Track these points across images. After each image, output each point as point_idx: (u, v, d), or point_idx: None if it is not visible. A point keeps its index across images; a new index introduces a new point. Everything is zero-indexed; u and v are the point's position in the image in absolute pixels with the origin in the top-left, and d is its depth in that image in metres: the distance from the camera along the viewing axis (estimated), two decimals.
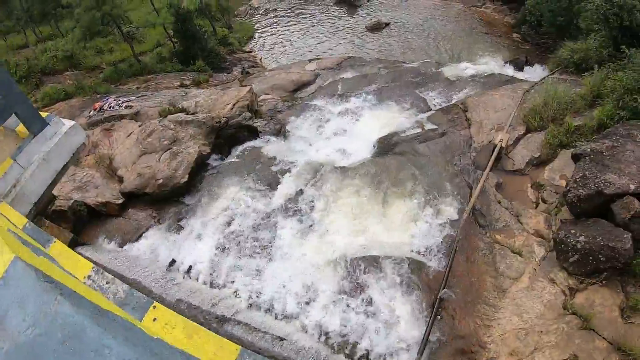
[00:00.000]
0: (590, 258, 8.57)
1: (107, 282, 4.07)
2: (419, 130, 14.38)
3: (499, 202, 10.92)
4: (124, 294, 3.94)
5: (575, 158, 10.20)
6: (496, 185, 11.42)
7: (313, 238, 11.37)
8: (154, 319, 3.47)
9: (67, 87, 22.24)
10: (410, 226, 10.97)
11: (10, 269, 2.52)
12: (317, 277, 10.29)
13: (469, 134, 13.48)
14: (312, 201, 12.34)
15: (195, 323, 3.38)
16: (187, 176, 13.60)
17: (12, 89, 8.51)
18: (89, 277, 4.29)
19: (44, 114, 9.64)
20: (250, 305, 10.17)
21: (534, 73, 19.78)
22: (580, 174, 9.39)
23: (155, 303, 3.62)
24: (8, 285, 2.46)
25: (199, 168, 14.23)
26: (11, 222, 5.20)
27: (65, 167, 9.99)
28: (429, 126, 14.49)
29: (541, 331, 8.22)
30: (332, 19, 33.37)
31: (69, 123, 9.95)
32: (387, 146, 14.10)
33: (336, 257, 10.54)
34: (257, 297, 10.31)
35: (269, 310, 10.00)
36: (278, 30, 33.41)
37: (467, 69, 20.05)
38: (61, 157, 9.68)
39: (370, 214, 11.63)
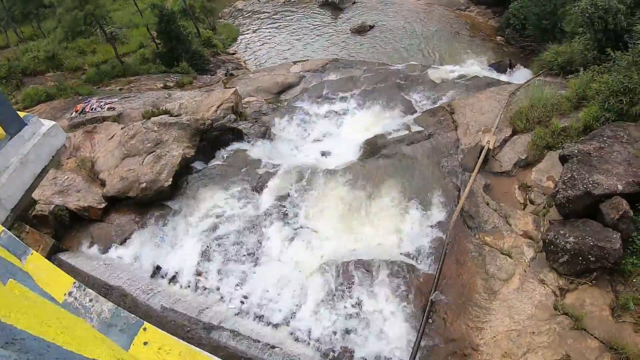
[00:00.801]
0: (580, 258, 8.57)
1: (90, 300, 3.66)
2: (406, 132, 14.30)
3: (487, 204, 10.88)
4: (109, 314, 3.54)
5: (563, 159, 10.21)
6: (484, 187, 11.38)
7: (301, 242, 11.24)
8: (145, 343, 3.06)
9: (48, 88, 21.81)
10: (399, 229, 10.90)
11: None
12: (306, 282, 10.16)
13: (455, 136, 13.44)
14: (299, 205, 12.22)
15: (192, 346, 2.93)
16: (171, 180, 13.34)
17: None
18: (70, 293, 3.84)
19: (22, 114, 9.24)
20: (238, 312, 9.98)
21: (518, 76, 19.82)
22: (569, 175, 9.39)
23: (145, 324, 3.19)
24: None
25: (184, 171, 13.97)
26: None
27: (44, 170, 9.53)
28: (415, 128, 14.42)
29: (533, 332, 8.18)
30: (317, 21, 33.24)
31: (48, 123, 9.52)
32: (373, 148, 14.00)
33: (325, 261, 10.43)
34: (245, 303, 10.13)
35: (257, 317, 9.82)
36: (262, 32, 33.18)
37: (452, 71, 20.00)
38: (40, 160, 9.22)
39: (358, 217, 11.54)
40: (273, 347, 8.84)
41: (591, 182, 8.96)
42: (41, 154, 9.12)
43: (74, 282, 3.99)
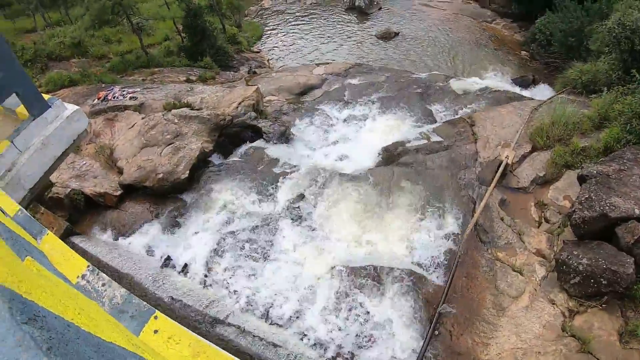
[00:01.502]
0: (592, 281, 8.45)
1: (103, 284, 3.69)
2: (425, 141, 14.26)
3: (502, 219, 10.80)
4: (121, 300, 3.54)
5: (581, 179, 10.10)
6: (500, 202, 11.30)
7: (312, 244, 11.22)
8: (155, 331, 3.08)
9: (72, 74, 22.05)
10: (412, 238, 10.83)
11: None
12: (315, 284, 10.15)
13: (474, 149, 13.36)
14: (314, 207, 12.21)
15: (201, 338, 2.99)
16: (188, 172, 13.44)
17: (13, 67, 8.19)
18: (83, 276, 3.92)
19: (46, 97, 9.35)
20: (245, 309, 9.99)
21: (541, 92, 19.70)
22: (586, 196, 9.28)
23: (157, 312, 3.22)
24: None
25: (201, 165, 14.07)
26: (1, 210, 4.88)
27: (64, 154, 9.67)
28: (434, 138, 14.37)
29: (539, 352, 8.10)
30: (342, 25, 33.31)
31: (71, 107, 9.64)
32: (391, 156, 13.98)
33: (335, 264, 10.40)
34: (252, 300, 10.14)
35: (264, 314, 9.83)
36: (287, 33, 33.31)
37: (475, 83, 19.93)
38: (61, 143, 9.35)
39: (372, 223, 11.49)
40: (277, 345, 8.83)
41: (608, 204, 8.85)
42: (63, 137, 9.25)
43: (88, 266, 4.02)
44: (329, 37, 31.85)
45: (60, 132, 9.21)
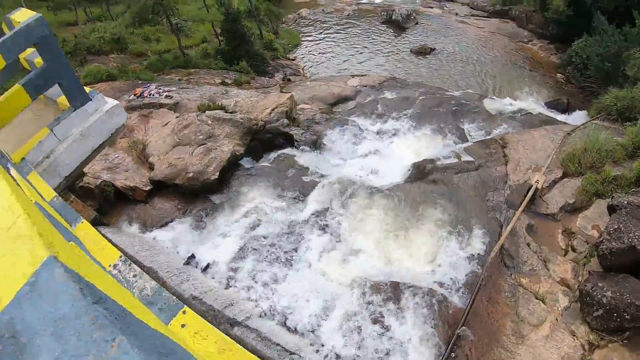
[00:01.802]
0: (615, 315, 8.30)
1: (135, 275, 3.84)
2: (455, 160, 14.21)
3: (528, 245, 10.67)
4: (151, 292, 3.63)
5: (611, 209, 9.94)
6: (527, 227, 11.17)
7: (336, 255, 11.25)
8: (183, 325, 3.16)
9: (110, 68, 22.50)
10: (435, 257, 10.79)
11: (43, 273, 1.55)
12: (335, 295, 10.15)
13: (505, 171, 13.25)
14: (340, 218, 12.25)
15: (227, 337, 3.06)
16: (218, 173, 13.62)
17: (59, 58, 8.32)
18: (115, 266, 4.05)
19: (87, 89, 9.60)
20: (263, 313, 10.03)
21: (575, 116, 19.47)
22: (615, 227, 9.11)
23: (185, 307, 3.30)
24: (38, 297, 1.50)
25: (231, 168, 14.24)
26: (39, 194, 4.99)
27: (102, 146, 9.86)
28: (465, 157, 14.30)
29: None
30: (378, 38, 33.34)
31: (112, 102, 9.86)
32: (420, 172, 13.96)
33: (357, 278, 10.40)
34: (271, 305, 10.18)
35: (282, 321, 9.87)
36: (323, 42, 33.45)
37: (509, 104, 19.81)
38: (99, 135, 9.54)
39: (396, 238, 11.49)
40: (292, 353, 8.85)
41: (637, 236, 8.69)
42: (102, 130, 9.47)
43: (120, 256, 4.12)
44: (364, 48, 31.90)
45: (99, 125, 9.42)
